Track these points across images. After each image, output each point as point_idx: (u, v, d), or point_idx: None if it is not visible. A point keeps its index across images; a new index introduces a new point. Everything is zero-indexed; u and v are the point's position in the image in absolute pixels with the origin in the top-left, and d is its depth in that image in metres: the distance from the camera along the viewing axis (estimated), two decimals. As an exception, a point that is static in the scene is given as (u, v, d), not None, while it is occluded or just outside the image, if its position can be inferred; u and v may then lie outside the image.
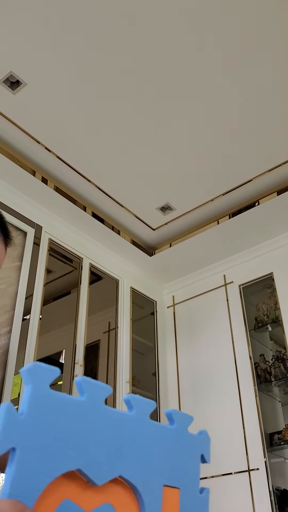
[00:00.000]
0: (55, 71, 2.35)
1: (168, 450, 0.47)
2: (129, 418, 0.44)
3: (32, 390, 0.39)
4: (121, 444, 0.43)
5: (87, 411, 0.41)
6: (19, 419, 0.38)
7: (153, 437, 0.46)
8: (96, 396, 0.42)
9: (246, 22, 2.15)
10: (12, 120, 2.60)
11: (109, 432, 0.42)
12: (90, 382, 0.42)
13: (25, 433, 0.38)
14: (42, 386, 0.40)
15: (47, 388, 0.40)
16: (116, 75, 2.37)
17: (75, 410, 0.41)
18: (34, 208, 3.08)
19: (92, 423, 0.41)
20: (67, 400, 0.41)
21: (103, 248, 3.54)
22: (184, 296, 3.91)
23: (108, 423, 0.42)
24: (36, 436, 0.38)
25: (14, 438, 0.37)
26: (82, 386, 0.42)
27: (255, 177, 3.02)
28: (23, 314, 2.73)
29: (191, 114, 2.59)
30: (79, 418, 0.41)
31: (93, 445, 0.41)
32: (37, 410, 0.39)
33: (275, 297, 3.36)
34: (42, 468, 0.38)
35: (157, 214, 3.34)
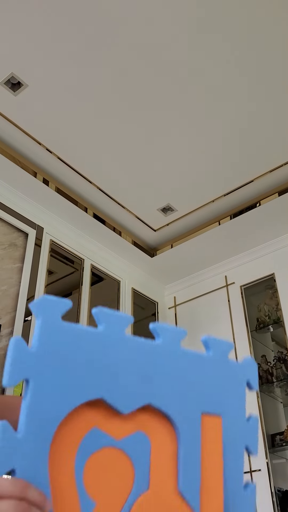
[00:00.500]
0: (56, 73, 2.35)
1: (205, 378, 0.45)
2: (156, 347, 0.43)
3: (42, 323, 0.39)
4: (148, 373, 0.42)
5: (105, 341, 0.41)
6: (29, 352, 0.38)
7: (186, 365, 0.45)
8: (116, 326, 0.41)
9: (245, 22, 2.15)
10: (13, 122, 2.60)
11: (133, 361, 0.41)
12: (108, 313, 0.42)
13: (37, 364, 0.38)
14: (52, 319, 0.39)
15: (58, 320, 0.40)
16: (117, 76, 2.38)
17: (92, 340, 0.40)
18: (35, 209, 3.08)
19: (112, 352, 0.41)
20: (82, 331, 0.40)
21: (104, 249, 3.54)
22: (186, 297, 3.90)
23: (131, 352, 0.41)
24: (50, 367, 0.38)
25: (26, 370, 0.37)
26: (99, 317, 0.41)
27: (256, 178, 3.02)
28: (25, 316, 2.74)
29: (191, 114, 2.59)
30: (97, 347, 0.40)
31: (116, 373, 0.40)
32: (48, 342, 0.39)
33: (277, 298, 3.36)
34: (59, 397, 0.38)
35: (158, 215, 3.35)
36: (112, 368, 0.40)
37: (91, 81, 2.40)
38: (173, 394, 0.42)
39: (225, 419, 0.45)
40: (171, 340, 0.45)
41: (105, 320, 0.41)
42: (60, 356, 0.39)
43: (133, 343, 0.42)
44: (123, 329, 0.42)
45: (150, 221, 3.41)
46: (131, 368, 0.41)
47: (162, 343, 0.44)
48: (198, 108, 2.56)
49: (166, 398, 0.42)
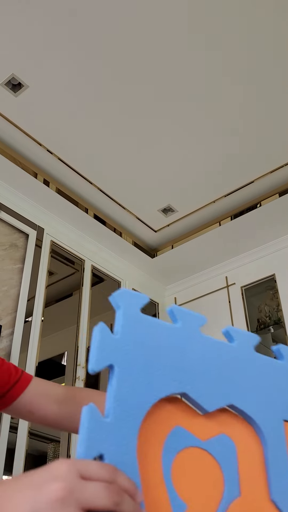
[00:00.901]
0: (57, 74, 2.36)
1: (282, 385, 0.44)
2: (232, 349, 0.42)
3: (124, 312, 0.39)
4: (228, 373, 0.41)
5: (184, 337, 0.40)
6: (114, 338, 0.38)
7: (262, 369, 0.43)
8: (192, 324, 0.41)
9: (245, 21, 2.15)
10: (14, 123, 2.61)
11: (212, 360, 0.40)
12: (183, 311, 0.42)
13: (121, 351, 0.37)
14: (133, 310, 0.40)
15: (138, 312, 0.39)
16: (117, 77, 2.38)
17: (171, 335, 0.39)
18: (36, 210, 3.08)
19: (191, 349, 0.40)
20: (162, 325, 0.40)
21: (105, 250, 3.54)
22: (186, 298, 3.90)
23: (209, 350, 0.41)
24: (134, 355, 0.38)
25: (111, 356, 0.37)
26: (175, 314, 0.41)
27: (257, 179, 3.02)
28: (25, 316, 2.74)
29: (192, 115, 2.59)
30: (177, 343, 0.39)
31: (197, 370, 0.39)
32: (131, 331, 0.38)
33: (277, 298, 3.36)
34: (143, 386, 0.37)
35: (159, 215, 3.35)
36: (193, 364, 0.39)
37: (92, 82, 2.40)
38: (255, 397, 0.41)
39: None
40: (246, 344, 0.44)
41: (182, 317, 0.41)
42: (143, 346, 0.39)
43: (210, 342, 0.42)
44: (198, 327, 0.42)
45: (150, 221, 3.41)
46: (211, 366, 0.40)
47: (237, 346, 0.43)
48: (198, 108, 2.56)
49: (248, 400, 0.41)
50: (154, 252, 3.68)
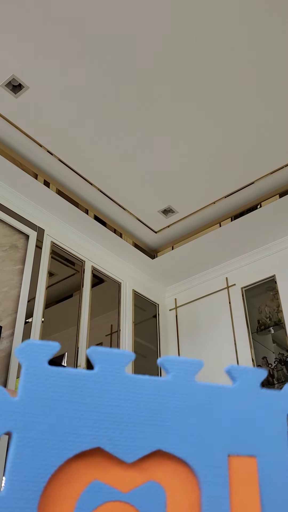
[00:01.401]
0: (57, 75, 2.36)
1: (230, 414, 0.39)
2: (165, 384, 0.38)
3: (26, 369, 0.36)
4: (156, 414, 0.37)
5: (102, 383, 0.37)
6: (11, 401, 0.35)
7: (204, 401, 0.39)
8: (114, 365, 0.37)
9: (245, 23, 2.16)
10: (14, 123, 2.61)
11: (137, 402, 0.37)
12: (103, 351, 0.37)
13: (21, 415, 0.35)
14: (37, 364, 0.36)
15: (44, 365, 0.36)
16: (117, 78, 2.38)
17: (85, 384, 0.36)
18: (36, 211, 3.08)
19: (111, 394, 0.37)
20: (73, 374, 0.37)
21: (105, 251, 3.54)
22: (186, 299, 3.90)
23: (134, 392, 0.37)
24: (37, 416, 0.35)
25: (8, 422, 0.34)
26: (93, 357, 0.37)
27: (257, 180, 3.02)
28: (26, 317, 2.74)
29: (193, 116, 2.60)
30: (92, 391, 0.36)
31: (116, 418, 0.36)
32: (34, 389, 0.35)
33: (278, 299, 3.36)
34: (48, 450, 0.34)
35: (159, 216, 3.35)
36: (111, 412, 0.36)
37: (92, 83, 2.40)
38: (189, 436, 0.37)
39: (262, 460, 0.39)
40: (184, 374, 0.39)
41: (101, 359, 0.37)
42: (48, 404, 0.35)
43: (137, 383, 0.37)
44: (122, 367, 0.37)
45: (151, 223, 3.41)
46: (135, 410, 0.37)
47: (173, 379, 0.38)
48: (198, 109, 2.56)
49: (179, 441, 0.37)
50: (154, 253, 3.68)
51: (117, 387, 0.37)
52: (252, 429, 0.40)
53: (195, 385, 0.39)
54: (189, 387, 0.39)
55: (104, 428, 0.35)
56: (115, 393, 0.37)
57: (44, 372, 0.36)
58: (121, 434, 0.36)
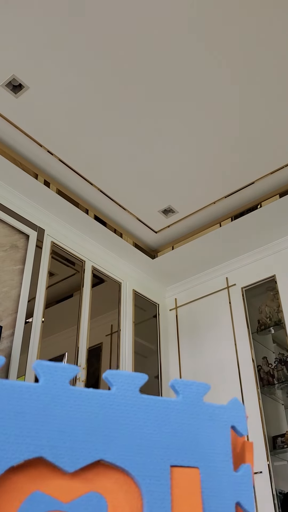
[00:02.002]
0: (57, 75, 2.36)
1: (174, 426, 0.40)
2: (109, 396, 0.39)
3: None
4: (99, 425, 0.37)
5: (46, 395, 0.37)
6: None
7: (147, 413, 0.39)
8: (58, 378, 0.37)
9: (247, 24, 2.16)
10: (15, 124, 2.61)
11: (80, 414, 0.37)
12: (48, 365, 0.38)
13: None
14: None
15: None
16: (117, 78, 2.38)
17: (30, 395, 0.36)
18: (37, 211, 3.08)
19: (54, 407, 0.37)
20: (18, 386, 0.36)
21: (105, 251, 3.54)
22: (187, 299, 3.90)
23: (78, 405, 0.37)
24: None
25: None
26: (39, 371, 0.37)
27: (257, 180, 3.02)
28: (26, 317, 2.74)
29: (193, 116, 2.60)
30: (36, 402, 0.36)
31: (58, 429, 0.36)
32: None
33: (278, 299, 3.36)
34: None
35: (159, 216, 3.35)
36: (54, 423, 0.36)
37: (92, 83, 2.40)
38: (130, 447, 0.37)
39: (205, 471, 0.39)
40: (128, 387, 0.39)
41: (45, 373, 0.37)
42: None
43: (81, 395, 0.38)
44: (66, 381, 0.37)
45: (151, 222, 3.41)
46: (78, 421, 0.37)
47: (117, 392, 0.39)
48: (198, 109, 2.56)
49: (121, 452, 0.37)
50: (154, 253, 3.68)
51: (61, 399, 0.37)
52: (196, 441, 0.40)
53: (138, 398, 0.39)
54: (132, 400, 0.39)
55: (46, 439, 0.35)
56: (59, 405, 0.37)
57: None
58: (63, 444, 0.36)
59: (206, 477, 0.39)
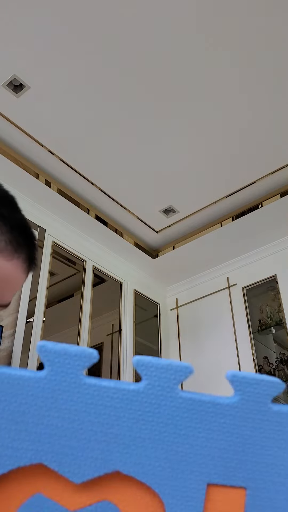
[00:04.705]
0: (58, 74, 2.36)
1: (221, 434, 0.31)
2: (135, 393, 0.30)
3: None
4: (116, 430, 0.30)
5: (51, 389, 0.29)
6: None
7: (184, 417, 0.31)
8: (68, 368, 0.30)
9: (249, 23, 2.15)
10: (16, 123, 2.61)
11: (93, 415, 0.30)
12: (53, 349, 0.29)
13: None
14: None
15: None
16: (118, 78, 2.38)
17: (30, 388, 0.29)
18: (37, 211, 3.08)
19: (61, 403, 0.29)
20: (16, 377, 0.29)
21: (106, 251, 3.54)
22: (188, 299, 3.90)
23: (91, 402, 0.30)
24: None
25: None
26: (43, 357, 0.30)
27: (258, 179, 3.02)
28: (27, 317, 2.74)
29: (194, 116, 2.60)
30: (38, 398, 0.29)
31: (65, 432, 0.29)
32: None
33: (279, 299, 3.35)
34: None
35: (160, 216, 3.35)
36: (61, 425, 0.29)
37: (93, 82, 2.40)
38: (157, 458, 0.30)
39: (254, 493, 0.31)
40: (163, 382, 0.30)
41: (51, 360, 0.29)
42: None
43: (97, 390, 0.30)
44: (79, 371, 0.29)
45: (152, 222, 3.41)
46: (91, 424, 0.29)
47: (146, 387, 0.30)
48: (199, 109, 2.56)
49: (144, 464, 0.30)
50: (155, 252, 3.68)
51: (70, 395, 0.29)
52: (249, 455, 0.31)
53: (176, 397, 0.31)
54: (166, 400, 0.30)
55: (49, 444, 0.29)
56: (67, 402, 0.29)
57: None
58: (70, 451, 0.29)
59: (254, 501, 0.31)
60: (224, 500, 0.31)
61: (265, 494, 0.31)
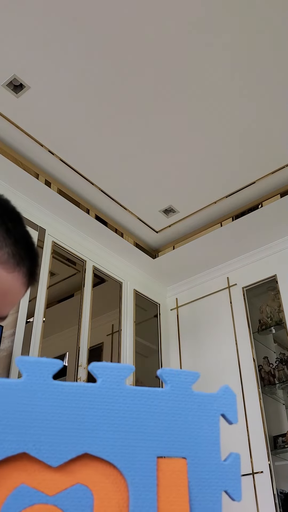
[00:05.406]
0: (58, 74, 2.36)
1: (161, 417, 0.40)
2: (93, 390, 0.39)
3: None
4: (83, 419, 0.38)
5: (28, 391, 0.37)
6: None
7: (132, 405, 0.39)
8: (41, 374, 0.37)
9: (251, 22, 2.15)
10: (15, 123, 2.61)
11: (62, 408, 0.37)
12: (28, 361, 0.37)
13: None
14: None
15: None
16: (118, 78, 2.38)
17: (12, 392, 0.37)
18: (37, 211, 3.08)
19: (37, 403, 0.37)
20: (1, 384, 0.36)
21: (106, 251, 3.54)
22: (188, 299, 3.90)
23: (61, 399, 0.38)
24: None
25: None
26: (21, 367, 0.38)
27: (258, 179, 3.02)
28: (27, 317, 2.74)
29: (194, 116, 2.60)
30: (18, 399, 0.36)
31: (42, 424, 0.37)
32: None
33: (279, 299, 3.35)
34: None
35: (160, 216, 3.35)
36: (37, 419, 0.36)
37: (93, 83, 2.40)
38: (116, 439, 0.38)
39: (192, 461, 0.39)
40: (113, 379, 0.39)
41: (28, 369, 0.37)
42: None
43: (64, 390, 0.38)
44: (49, 376, 0.38)
45: (152, 222, 3.41)
46: (61, 416, 0.37)
47: (102, 384, 0.39)
48: (199, 110, 2.56)
49: (106, 444, 0.37)
50: (155, 252, 3.68)
51: (43, 394, 0.37)
52: (184, 431, 0.40)
53: (124, 389, 0.39)
54: (117, 392, 0.39)
55: (30, 434, 0.36)
56: (41, 400, 0.37)
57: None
58: (46, 439, 0.36)
59: (194, 467, 0.39)
60: (172, 469, 0.39)
61: (200, 460, 0.40)
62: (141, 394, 0.40)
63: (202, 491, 0.39)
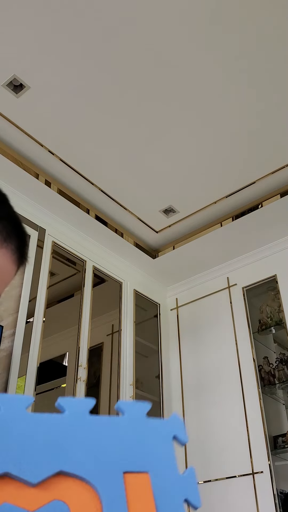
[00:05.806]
0: (58, 75, 2.36)
1: (122, 440, 0.46)
2: (62, 419, 0.45)
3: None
4: (57, 443, 0.43)
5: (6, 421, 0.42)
6: None
7: (97, 430, 0.46)
8: (14, 407, 0.43)
9: (248, 25, 2.16)
10: (16, 123, 2.61)
11: (39, 434, 0.43)
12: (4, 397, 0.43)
13: None
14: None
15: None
16: (118, 78, 2.38)
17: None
18: (38, 211, 3.08)
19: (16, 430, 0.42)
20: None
21: (107, 251, 3.54)
22: (188, 299, 3.90)
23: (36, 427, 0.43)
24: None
25: None
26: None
27: (258, 179, 3.02)
28: (27, 317, 2.74)
29: (194, 116, 2.60)
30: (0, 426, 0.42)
31: (21, 449, 0.41)
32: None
33: (279, 299, 3.35)
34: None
35: (160, 216, 3.35)
36: (17, 443, 0.41)
37: (93, 83, 2.40)
38: (86, 458, 0.43)
39: (154, 475, 0.46)
40: (78, 410, 0.46)
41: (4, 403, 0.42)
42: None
43: (37, 419, 0.43)
44: (22, 408, 0.43)
45: (152, 222, 3.41)
46: (37, 440, 0.42)
47: (69, 415, 0.45)
48: (200, 109, 2.56)
49: (78, 463, 0.43)
50: (155, 253, 3.68)
51: (20, 424, 0.42)
52: (143, 450, 0.46)
53: (88, 419, 0.45)
54: (83, 421, 0.45)
55: (10, 456, 0.40)
56: (19, 429, 0.42)
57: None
58: (25, 460, 0.41)
59: (156, 480, 0.45)
60: (137, 483, 0.44)
61: (161, 474, 0.45)
62: (103, 422, 0.46)
63: (165, 500, 0.44)
